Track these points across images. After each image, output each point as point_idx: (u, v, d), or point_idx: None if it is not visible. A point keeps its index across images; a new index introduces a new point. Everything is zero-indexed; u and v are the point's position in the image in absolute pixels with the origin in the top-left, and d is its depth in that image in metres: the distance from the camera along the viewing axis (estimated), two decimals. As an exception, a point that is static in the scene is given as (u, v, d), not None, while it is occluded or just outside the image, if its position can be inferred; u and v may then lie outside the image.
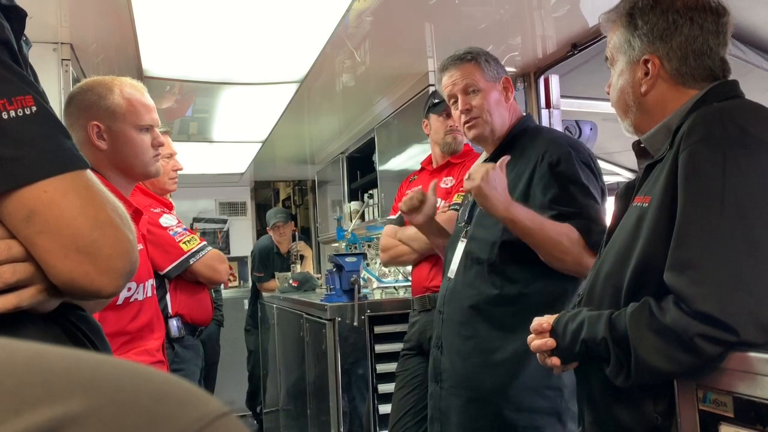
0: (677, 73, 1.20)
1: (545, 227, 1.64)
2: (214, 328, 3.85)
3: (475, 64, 1.89)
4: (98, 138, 1.57)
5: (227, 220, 6.38)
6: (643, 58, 1.22)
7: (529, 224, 1.63)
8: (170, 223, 2.28)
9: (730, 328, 0.96)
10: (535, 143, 1.81)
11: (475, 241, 1.82)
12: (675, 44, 1.19)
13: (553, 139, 1.83)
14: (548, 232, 1.64)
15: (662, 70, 1.21)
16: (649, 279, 1.09)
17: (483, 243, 1.79)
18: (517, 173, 1.78)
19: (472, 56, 1.89)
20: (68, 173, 0.67)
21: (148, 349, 1.59)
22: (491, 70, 1.90)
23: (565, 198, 1.69)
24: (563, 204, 1.68)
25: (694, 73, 1.20)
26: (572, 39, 2.79)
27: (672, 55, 1.20)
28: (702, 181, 1.04)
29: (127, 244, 0.70)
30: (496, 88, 1.89)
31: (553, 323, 1.25)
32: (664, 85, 1.21)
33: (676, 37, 1.19)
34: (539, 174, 1.73)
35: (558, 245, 1.65)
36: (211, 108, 3.79)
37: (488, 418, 1.74)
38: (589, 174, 1.74)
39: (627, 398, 1.15)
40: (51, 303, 0.69)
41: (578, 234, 1.65)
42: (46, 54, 2.48)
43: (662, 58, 1.20)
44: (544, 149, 1.76)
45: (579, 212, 1.68)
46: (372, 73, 3.26)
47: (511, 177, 1.76)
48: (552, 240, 1.64)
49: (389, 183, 3.84)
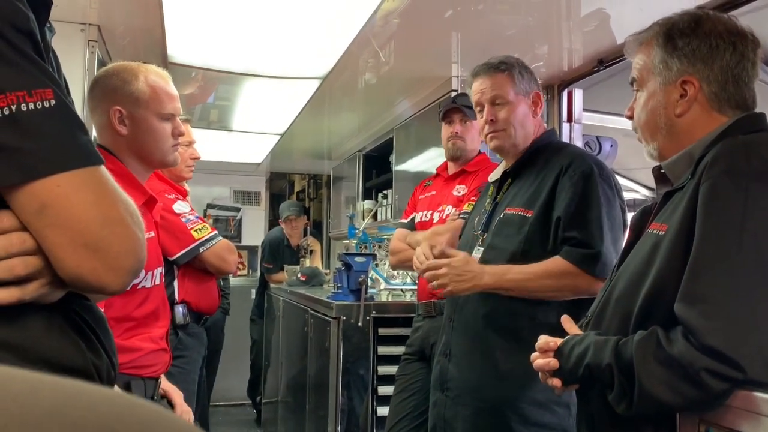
0: (715, 98, 1.18)
1: (526, 284, 1.69)
2: (220, 315, 3.86)
3: (507, 76, 1.87)
4: (120, 123, 1.57)
5: (240, 208, 6.40)
6: (681, 79, 1.19)
7: (507, 285, 1.71)
8: (183, 210, 2.29)
9: (737, 365, 0.95)
10: (561, 155, 1.81)
11: (493, 250, 1.81)
12: (717, 68, 1.17)
13: (579, 153, 1.85)
14: (527, 285, 1.70)
15: (700, 93, 1.19)
16: (659, 308, 1.08)
17: (502, 252, 1.78)
18: (540, 183, 1.78)
19: (506, 67, 1.88)
20: (83, 169, 0.67)
21: (152, 336, 1.60)
22: (523, 83, 1.88)
23: (577, 220, 1.70)
24: (573, 226, 1.69)
25: (730, 100, 1.18)
26: (599, 55, 2.77)
27: (712, 78, 1.18)
28: (722, 214, 1.03)
29: (136, 242, 0.70)
30: (525, 102, 1.88)
31: (560, 344, 1.24)
32: (698, 108, 1.19)
33: (717, 60, 1.17)
34: (562, 185, 1.73)
35: (544, 289, 1.69)
36: (232, 97, 3.81)
37: (495, 430, 1.73)
38: (608, 192, 1.73)
39: (628, 424, 1.13)
40: (55, 295, 0.69)
41: (571, 265, 1.67)
42: (74, 34, 2.49)
43: (702, 81, 1.18)
44: (570, 161, 1.76)
45: (582, 240, 1.68)
46: (395, 74, 3.25)
47: (534, 187, 1.78)
48: (536, 288, 1.69)
49: (404, 184, 3.84)
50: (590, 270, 1.66)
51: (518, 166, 1.88)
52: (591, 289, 1.65)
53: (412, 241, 2.47)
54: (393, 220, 3.91)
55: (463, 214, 2.34)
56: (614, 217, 1.72)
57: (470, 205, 2.35)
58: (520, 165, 1.88)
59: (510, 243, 1.77)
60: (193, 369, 2.34)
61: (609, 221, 1.70)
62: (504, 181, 1.91)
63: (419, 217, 2.59)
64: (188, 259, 2.27)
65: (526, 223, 1.75)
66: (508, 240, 1.77)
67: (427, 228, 2.49)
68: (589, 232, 1.68)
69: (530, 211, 1.76)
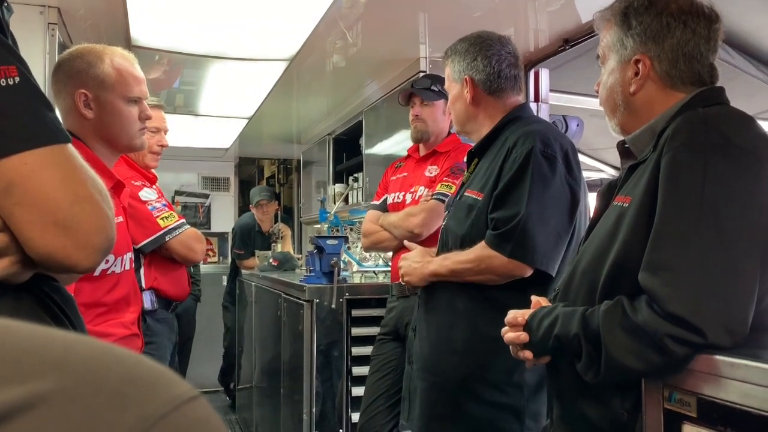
0: (667, 76, 1.21)
1: (456, 270, 1.74)
2: (191, 302, 3.83)
3: (444, 61, 1.91)
4: (85, 107, 1.55)
5: (209, 195, 6.33)
6: (634, 57, 1.23)
7: (444, 272, 1.77)
8: (149, 198, 2.26)
9: (698, 330, 0.98)
10: (516, 133, 1.74)
11: (448, 233, 1.84)
12: (667, 46, 1.20)
13: (528, 131, 1.72)
14: (457, 270, 1.74)
15: (652, 71, 1.22)
16: (624, 278, 1.11)
17: (453, 236, 1.80)
18: (492, 164, 1.75)
19: (446, 56, 1.91)
20: (50, 146, 0.66)
21: (123, 322, 1.59)
22: (456, 68, 1.88)
23: (502, 200, 1.67)
24: (497, 207, 1.68)
25: (683, 77, 1.21)
26: (565, 34, 2.80)
27: (663, 56, 1.21)
28: (682, 185, 1.06)
29: (106, 220, 0.69)
30: (456, 88, 1.88)
31: (528, 318, 1.27)
32: (652, 86, 1.22)
33: (668, 39, 1.20)
34: (506, 166, 1.69)
35: (471, 273, 1.72)
36: (198, 81, 3.75)
37: (448, 406, 1.74)
38: (546, 170, 1.65)
39: (595, 394, 1.17)
40: (24, 275, 0.68)
41: (487, 248, 1.67)
42: (32, 16, 2.42)
43: (653, 59, 1.21)
44: (516, 139, 1.71)
45: (500, 220, 1.66)
46: (363, 55, 3.24)
47: (489, 169, 1.75)
48: (465, 273, 1.73)
49: (375, 167, 3.84)
50: (503, 252, 1.63)
51: (482, 145, 1.85)
52: (511, 272, 1.65)
53: (385, 222, 2.48)
54: (364, 203, 3.92)
55: (436, 195, 2.36)
56: (549, 196, 1.65)
57: (443, 186, 2.37)
58: (484, 144, 1.85)
59: (460, 227, 1.77)
60: (162, 355, 2.33)
61: (537, 200, 1.63)
62: (471, 161, 1.92)
63: (391, 198, 2.60)
64: (154, 248, 2.24)
65: (475, 207, 1.73)
66: (459, 224, 1.78)
67: (399, 209, 2.50)
68: (508, 212, 1.64)
69: (481, 194, 1.73)
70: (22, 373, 0.29)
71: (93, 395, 0.30)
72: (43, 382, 0.29)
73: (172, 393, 0.32)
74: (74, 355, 0.32)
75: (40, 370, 0.30)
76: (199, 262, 2.51)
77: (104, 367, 0.32)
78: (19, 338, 0.32)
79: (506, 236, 1.63)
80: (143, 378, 0.32)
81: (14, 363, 0.30)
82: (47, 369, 0.30)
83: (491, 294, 1.71)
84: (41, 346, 0.31)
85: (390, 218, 2.47)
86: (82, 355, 0.32)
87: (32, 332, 0.33)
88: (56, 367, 0.30)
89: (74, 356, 0.32)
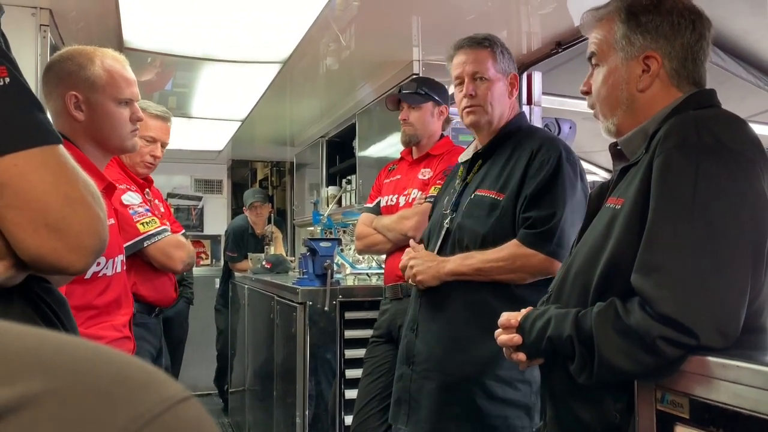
0: (675, 74, 1.22)
1: (484, 269, 1.75)
2: (183, 305, 3.81)
3: (489, 52, 1.89)
4: (76, 108, 1.54)
5: (202, 197, 6.32)
6: (645, 54, 1.22)
7: (467, 270, 1.77)
8: (131, 202, 2.22)
9: (690, 332, 0.98)
10: (531, 139, 1.85)
11: (463, 231, 1.84)
12: (678, 45, 1.21)
13: (549, 137, 1.88)
14: (485, 269, 1.75)
15: (662, 69, 1.22)
16: (617, 280, 1.12)
17: (473, 234, 1.81)
18: (513, 167, 1.82)
19: (489, 43, 1.90)
20: (41, 147, 0.66)
21: (114, 325, 1.58)
22: (503, 62, 1.91)
23: (536, 200, 1.74)
24: (532, 207, 1.74)
25: (688, 77, 1.22)
26: (557, 37, 2.81)
27: (674, 54, 1.21)
28: (674, 187, 1.06)
29: (98, 222, 0.69)
30: (503, 81, 1.91)
31: (521, 320, 1.27)
32: (659, 84, 1.23)
33: (679, 38, 1.21)
34: (532, 169, 1.77)
35: (501, 272, 1.74)
36: (191, 83, 3.74)
37: (460, 405, 1.76)
38: (572, 175, 1.77)
39: (588, 395, 1.17)
40: (18, 278, 0.68)
41: (524, 247, 1.72)
42: (24, 18, 2.40)
43: (664, 57, 1.21)
44: (540, 144, 1.80)
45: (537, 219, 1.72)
46: (356, 58, 3.24)
47: (506, 170, 1.81)
48: (494, 272, 1.75)
49: (368, 170, 3.84)
50: (543, 250, 1.70)
51: (489, 147, 1.91)
52: (547, 270, 1.70)
53: (378, 225, 2.48)
54: (357, 205, 3.91)
55: (429, 198, 2.36)
56: (576, 200, 1.75)
57: (437, 189, 2.36)
58: (492, 146, 1.90)
59: (481, 226, 1.79)
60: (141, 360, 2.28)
61: (569, 203, 1.73)
62: (475, 161, 1.94)
63: (384, 201, 2.60)
64: (131, 253, 2.18)
65: (498, 207, 1.78)
66: (479, 222, 1.80)
67: (392, 212, 2.50)
68: (545, 212, 1.72)
69: (501, 194, 1.79)
70: (11, 374, 0.29)
71: (83, 396, 0.30)
72: (33, 383, 0.29)
73: (164, 394, 0.32)
74: (64, 356, 0.31)
75: (30, 371, 0.29)
76: (176, 272, 2.39)
77: (95, 368, 0.31)
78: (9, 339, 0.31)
79: (545, 235, 1.70)
80: (134, 379, 0.32)
81: (3, 364, 0.29)
82: (37, 370, 0.30)
83: (520, 292, 1.75)
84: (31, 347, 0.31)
85: (383, 221, 2.47)
86: (72, 356, 0.32)
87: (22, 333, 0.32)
88: (46, 368, 0.30)
89: (64, 357, 0.31)
